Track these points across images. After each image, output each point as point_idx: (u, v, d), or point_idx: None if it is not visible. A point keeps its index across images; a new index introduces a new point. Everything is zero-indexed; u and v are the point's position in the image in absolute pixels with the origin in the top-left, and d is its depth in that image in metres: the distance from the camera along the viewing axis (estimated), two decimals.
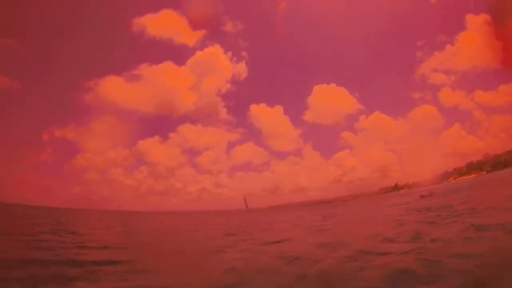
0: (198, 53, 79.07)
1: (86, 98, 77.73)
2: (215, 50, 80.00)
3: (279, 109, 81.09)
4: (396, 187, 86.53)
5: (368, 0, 78.87)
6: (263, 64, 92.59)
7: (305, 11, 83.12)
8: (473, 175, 77.71)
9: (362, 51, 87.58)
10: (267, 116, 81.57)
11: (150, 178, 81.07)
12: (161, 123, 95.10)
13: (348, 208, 42.34)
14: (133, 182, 78.55)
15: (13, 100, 71.24)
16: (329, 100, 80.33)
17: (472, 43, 66.52)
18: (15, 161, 78.40)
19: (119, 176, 77.13)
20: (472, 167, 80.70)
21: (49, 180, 76.83)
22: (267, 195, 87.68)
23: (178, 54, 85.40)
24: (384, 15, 75.75)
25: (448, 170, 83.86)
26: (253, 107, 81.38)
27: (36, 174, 77.49)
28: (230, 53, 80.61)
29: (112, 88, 75.18)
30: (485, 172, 75.52)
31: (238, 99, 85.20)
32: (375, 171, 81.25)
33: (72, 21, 72.98)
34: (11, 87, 71.24)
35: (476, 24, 64.54)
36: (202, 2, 78.52)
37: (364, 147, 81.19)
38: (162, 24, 77.48)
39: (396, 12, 76.17)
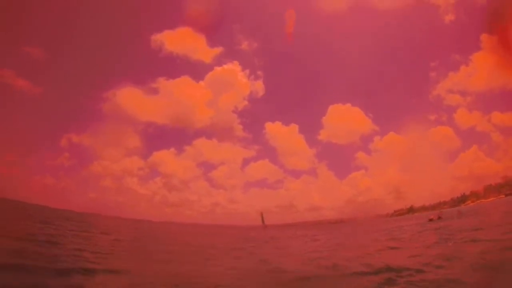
0: (217, 68, 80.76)
1: (105, 107, 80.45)
2: (233, 67, 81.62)
3: (294, 127, 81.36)
4: (411, 209, 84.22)
5: (383, 21, 79.35)
6: (279, 83, 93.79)
7: (321, 31, 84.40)
8: (491, 199, 74.68)
9: (377, 71, 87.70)
10: (282, 134, 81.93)
11: (164, 189, 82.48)
12: (177, 136, 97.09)
13: (351, 229, 41.36)
14: (147, 192, 79.95)
15: (34, 104, 74.53)
16: (344, 120, 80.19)
17: (488, 63, 65.32)
18: (34, 163, 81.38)
19: (134, 185, 78.70)
20: (490, 190, 77.70)
21: (66, 183, 78.90)
22: (281, 213, 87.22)
23: (195, 69, 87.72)
24: (399, 35, 75.93)
25: (466, 193, 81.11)
26: (268, 125, 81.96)
27: (53, 177, 79.84)
28: (247, 70, 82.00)
29: (130, 99, 77.80)
30: (504, 196, 72.48)
31: (254, 116, 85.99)
32: (390, 192, 79.58)
33: (95, 33, 76.28)
34: (33, 91, 74.63)
35: (491, 44, 63.24)
36: (219, 20, 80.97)
37: (379, 168, 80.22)
38: (179, 41, 79.98)
39: (410, 32, 76.24)
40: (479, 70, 67.33)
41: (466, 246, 13.08)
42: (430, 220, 37.00)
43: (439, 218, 37.03)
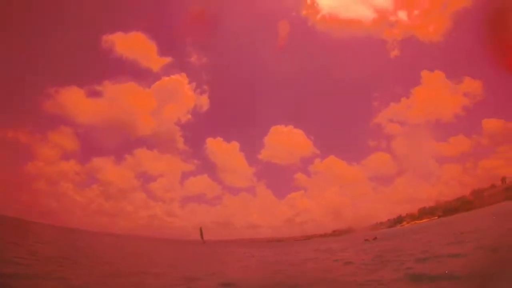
0: (164, 78, 77.56)
1: (46, 105, 73.72)
2: (180, 78, 78.89)
3: (235, 145, 79.94)
4: (350, 230, 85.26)
5: (331, 48, 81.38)
6: (224, 100, 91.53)
7: (269, 53, 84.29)
8: (425, 220, 78.26)
9: (321, 96, 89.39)
10: (223, 150, 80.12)
11: (101, 197, 76.78)
12: (117, 143, 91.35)
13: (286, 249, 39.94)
14: (83, 199, 74.03)
15: None
16: (285, 141, 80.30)
17: (426, 97, 69.99)
18: None
19: (69, 191, 72.47)
20: (424, 212, 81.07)
21: None
22: (218, 229, 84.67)
23: (143, 76, 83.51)
24: (346, 64, 78.05)
25: (402, 215, 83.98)
26: (209, 140, 79.78)
27: None
28: (194, 83, 79.72)
29: (73, 99, 72.20)
30: (437, 217, 76.35)
31: (196, 130, 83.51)
32: (329, 213, 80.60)
33: (44, 24, 70.41)
34: None
35: (431, 79, 68.01)
36: (172, 30, 78.34)
37: (318, 190, 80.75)
38: (130, 45, 76.07)
39: (357, 62, 78.74)
40: (418, 102, 71.90)
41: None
42: (366, 240, 36.64)
43: (375, 239, 36.70)
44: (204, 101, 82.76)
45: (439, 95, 68.26)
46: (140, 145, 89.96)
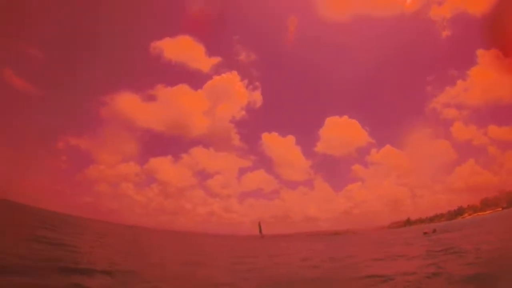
0: (215, 77, 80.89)
1: (102, 112, 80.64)
2: (232, 77, 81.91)
3: (291, 139, 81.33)
4: (408, 222, 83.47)
5: (382, 36, 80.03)
6: (277, 94, 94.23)
7: (320, 44, 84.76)
8: (488, 212, 74.04)
9: (374, 85, 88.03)
10: (278, 145, 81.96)
11: (160, 196, 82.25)
12: (174, 144, 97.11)
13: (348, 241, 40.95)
14: (143, 199, 79.54)
15: (32, 105, 74.41)
16: (340, 132, 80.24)
17: (484, 78, 65.56)
18: (30, 164, 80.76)
19: (130, 191, 78.47)
20: (487, 203, 76.99)
21: (61, 186, 78.63)
22: (276, 223, 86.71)
23: (194, 78, 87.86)
24: (397, 50, 76.44)
25: (463, 206, 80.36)
26: (265, 136, 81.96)
27: (49, 178, 79.40)
28: (246, 81, 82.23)
29: (128, 105, 78.28)
30: (501, 209, 71.81)
31: (251, 126, 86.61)
32: (387, 204, 79.44)
33: (96, 37, 76.79)
34: (32, 92, 74.67)
35: (488, 58, 63.67)
36: (218, 30, 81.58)
37: (376, 180, 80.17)
38: (178, 49, 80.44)
39: (408, 47, 76.64)
40: (476, 84, 67.70)
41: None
42: (425, 233, 36.66)
43: (434, 231, 36.70)
44: (257, 97, 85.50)
45: (498, 75, 63.82)
46: (196, 144, 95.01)
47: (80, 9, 77.02)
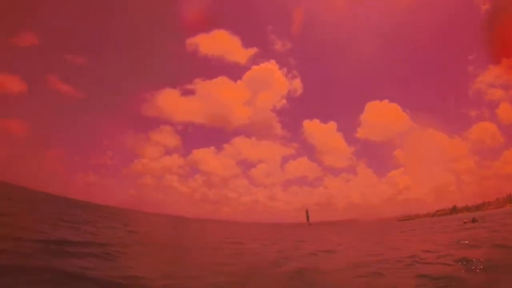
0: (254, 67, 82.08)
1: (144, 108, 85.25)
2: (270, 66, 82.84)
3: (332, 125, 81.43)
4: (454, 210, 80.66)
5: (418, 14, 76.88)
6: (317, 81, 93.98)
7: (356, 27, 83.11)
8: None
9: (413, 67, 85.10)
10: (320, 132, 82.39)
11: (204, 187, 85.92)
12: (215, 135, 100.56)
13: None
14: (187, 190, 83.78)
15: (78, 108, 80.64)
16: (382, 117, 78.96)
17: None
18: (79, 161, 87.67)
19: (174, 183, 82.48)
20: None
21: (108, 181, 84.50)
22: (320, 210, 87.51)
23: (232, 70, 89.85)
24: (435, 28, 73.26)
25: None
26: (306, 123, 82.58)
27: (96, 174, 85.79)
28: (285, 69, 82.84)
29: (168, 100, 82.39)
30: None
31: (292, 114, 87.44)
32: (431, 191, 77.19)
33: (133, 40, 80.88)
34: (77, 96, 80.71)
35: None
36: (252, 22, 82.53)
37: (419, 166, 77.75)
38: (214, 43, 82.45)
39: (446, 24, 73.13)
40: None
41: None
42: (465, 222, 36.41)
43: (474, 221, 36.28)
44: (297, 85, 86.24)
45: None
46: (238, 134, 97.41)
47: (118, 13, 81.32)
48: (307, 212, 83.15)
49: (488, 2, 63.59)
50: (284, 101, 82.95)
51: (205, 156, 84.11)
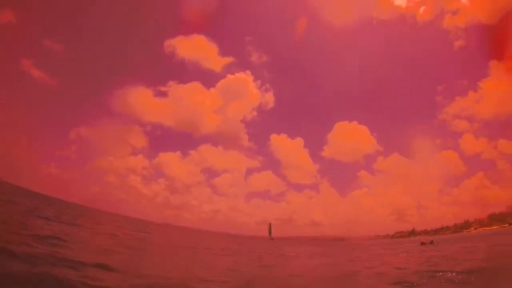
0: (229, 76, 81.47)
1: (115, 105, 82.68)
2: (245, 77, 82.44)
3: (299, 141, 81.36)
4: (413, 233, 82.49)
5: (395, 43, 79.50)
6: (289, 97, 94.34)
7: (333, 49, 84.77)
8: (495, 227, 72.75)
9: (385, 92, 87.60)
10: (287, 147, 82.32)
11: (167, 191, 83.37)
12: (183, 140, 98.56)
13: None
14: (150, 192, 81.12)
15: (49, 95, 76.91)
16: (349, 137, 79.97)
17: (496, 90, 64.73)
18: (42, 151, 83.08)
19: (138, 184, 79.81)
20: (494, 219, 75.69)
21: (70, 175, 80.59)
22: (281, 225, 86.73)
23: (206, 76, 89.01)
24: (409, 58, 75.92)
25: (469, 220, 79.14)
26: (274, 137, 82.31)
27: (59, 168, 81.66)
28: (259, 81, 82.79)
29: (140, 99, 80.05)
30: (508, 225, 70.56)
31: (261, 127, 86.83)
32: (392, 213, 79.09)
33: (112, 32, 78.64)
34: (49, 83, 76.92)
35: (500, 70, 62.75)
36: (231, 31, 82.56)
37: (382, 188, 79.93)
38: (191, 48, 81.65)
39: (420, 55, 76.11)
40: (487, 96, 66.76)
41: None
42: (422, 243, 36.94)
43: (431, 242, 36.85)
44: (269, 99, 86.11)
45: (510, 87, 62.47)
46: (205, 141, 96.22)
47: (100, 4, 79.04)
48: (270, 226, 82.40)
49: (461, 38, 66.33)
50: (255, 113, 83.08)
51: (171, 160, 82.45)
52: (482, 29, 64.79)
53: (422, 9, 67.15)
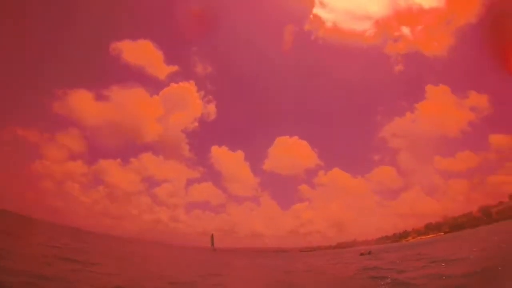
0: (173, 85, 78.74)
1: (54, 106, 75.69)
2: (189, 86, 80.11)
3: (240, 154, 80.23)
4: (354, 243, 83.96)
5: (337, 61, 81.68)
6: (231, 109, 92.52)
7: (276, 64, 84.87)
8: (431, 236, 76.71)
9: (327, 109, 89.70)
10: (228, 159, 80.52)
11: (107, 199, 77.73)
12: (124, 147, 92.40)
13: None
14: (88, 200, 75.26)
15: None
16: (290, 151, 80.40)
17: (431, 111, 69.35)
18: None
19: (75, 191, 73.69)
20: (431, 228, 79.70)
21: (1, 179, 71.75)
22: (221, 236, 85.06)
23: (149, 83, 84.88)
24: (352, 77, 78.18)
25: (407, 229, 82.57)
26: (215, 148, 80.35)
27: None
28: (202, 92, 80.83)
29: (81, 102, 74.07)
30: (443, 233, 74.96)
31: (202, 138, 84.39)
32: (333, 225, 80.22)
33: (56, 27, 72.34)
34: None
35: (435, 94, 67.61)
36: (178, 38, 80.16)
37: (322, 202, 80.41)
38: (137, 52, 77.76)
39: (362, 76, 78.76)
40: (423, 117, 71.46)
41: None
42: (361, 254, 36.38)
43: (369, 252, 36.31)
44: (211, 110, 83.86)
45: (445, 109, 67.48)
46: (146, 150, 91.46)
47: None
48: (212, 237, 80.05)
49: (401, 63, 70.92)
50: (196, 123, 79.91)
51: (111, 167, 76.71)
52: (420, 57, 69.42)
53: (368, 33, 69.85)
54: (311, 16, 76.79)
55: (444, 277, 12.88)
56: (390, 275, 14.53)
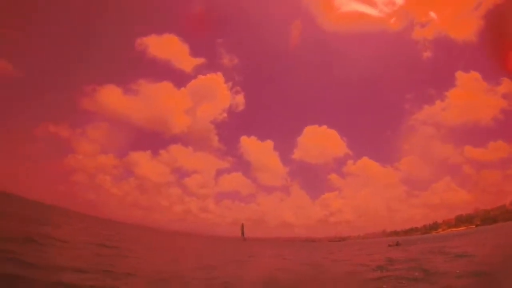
0: (200, 77, 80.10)
1: (84, 101, 79.06)
2: (217, 78, 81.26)
3: (269, 144, 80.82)
4: (383, 233, 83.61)
5: (365, 50, 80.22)
6: (260, 100, 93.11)
7: (304, 53, 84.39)
8: (462, 228, 74.88)
9: (355, 97, 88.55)
10: (257, 149, 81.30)
11: (137, 191, 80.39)
12: (153, 139, 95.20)
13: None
14: (119, 192, 78.00)
15: (12, 87, 72.00)
16: (318, 141, 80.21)
17: (462, 99, 66.99)
18: (5, 148, 78.06)
19: (107, 183, 76.61)
20: (461, 220, 77.88)
21: (36, 173, 76.14)
22: (251, 226, 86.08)
23: (177, 76, 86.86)
24: (380, 66, 76.68)
25: (438, 221, 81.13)
26: (244, 139, 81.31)
27: (23, 165, 77.11)
28: (230, 83, 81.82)
29: (110, 97, 76.68)
30: (475, 226, 72.80)
31: (231, 129, 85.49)
32: (363, 215, 79.62)
33: (83, 26, 75.09)
34: (14, 74, 72.19)
35: (466, 81, 65.15)
36: (203, 31, 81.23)
37: (352, 191, 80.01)
38: (163, 47, 79.53)
39: (390, 63, 77.14)
40: (453, 105, 69.10)
41: None
42: (389, 245, 36.84)
43: (398, 244, 36.73)
44: (240, 101, 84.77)
45: (476, 97, 65.16)
46: (175, 141, 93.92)
47: None
48: (242, 226, 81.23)
49: (429, 50, 68.45)
50: (225, 114, 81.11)
51: (141, 159, 79.29)
52: (450, 42, 66.77)
53: (392, 20, 67.73)
54: (336, 4, 75.90)
55: (468, 273, 12.52)
56: (415, 266, 14.61)
